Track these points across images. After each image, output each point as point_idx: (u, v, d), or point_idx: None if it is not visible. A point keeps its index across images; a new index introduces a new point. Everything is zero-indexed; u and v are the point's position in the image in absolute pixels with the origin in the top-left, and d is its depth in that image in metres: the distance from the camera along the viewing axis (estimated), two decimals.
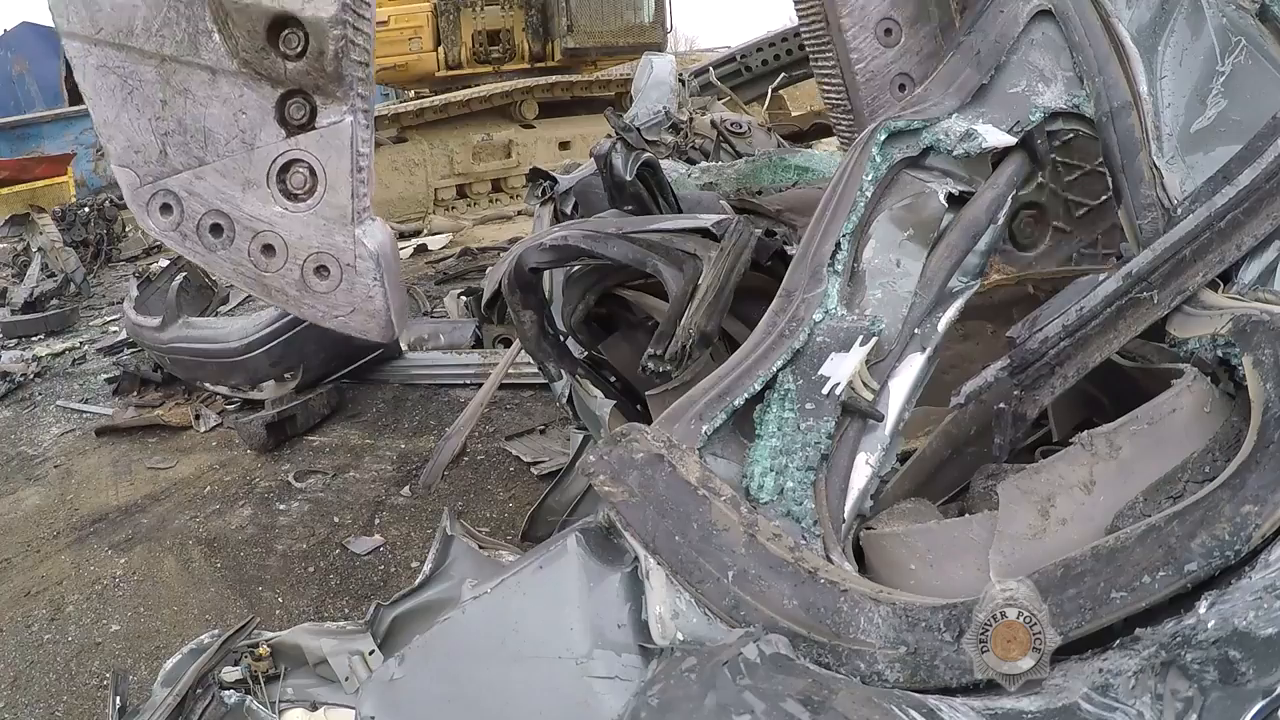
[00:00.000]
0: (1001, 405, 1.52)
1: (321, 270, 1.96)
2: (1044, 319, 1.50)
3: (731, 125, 5.92)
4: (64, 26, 1.95)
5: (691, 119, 5.81)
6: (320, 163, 1.90)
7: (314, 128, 1.89)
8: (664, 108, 5.68)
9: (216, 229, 1.99)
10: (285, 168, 1.92)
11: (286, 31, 1.81)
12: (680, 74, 6.13)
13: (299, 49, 1.82)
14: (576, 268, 2.58)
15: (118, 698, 2.03)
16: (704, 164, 5.01)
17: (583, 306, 2.48)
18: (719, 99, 6.52)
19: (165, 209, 2.00)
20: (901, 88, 2.47)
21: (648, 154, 3.11)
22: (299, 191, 1.93)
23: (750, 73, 6.51)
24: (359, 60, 1.89)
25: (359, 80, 1.91)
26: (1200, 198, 1.44)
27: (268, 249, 1.97)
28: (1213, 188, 1.43)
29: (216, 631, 2.12)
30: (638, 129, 3.53)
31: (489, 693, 1.40)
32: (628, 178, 2.89)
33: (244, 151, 1.92)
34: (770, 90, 6.77)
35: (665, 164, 4.94)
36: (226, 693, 1.90)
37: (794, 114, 7.48)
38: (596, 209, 3.38)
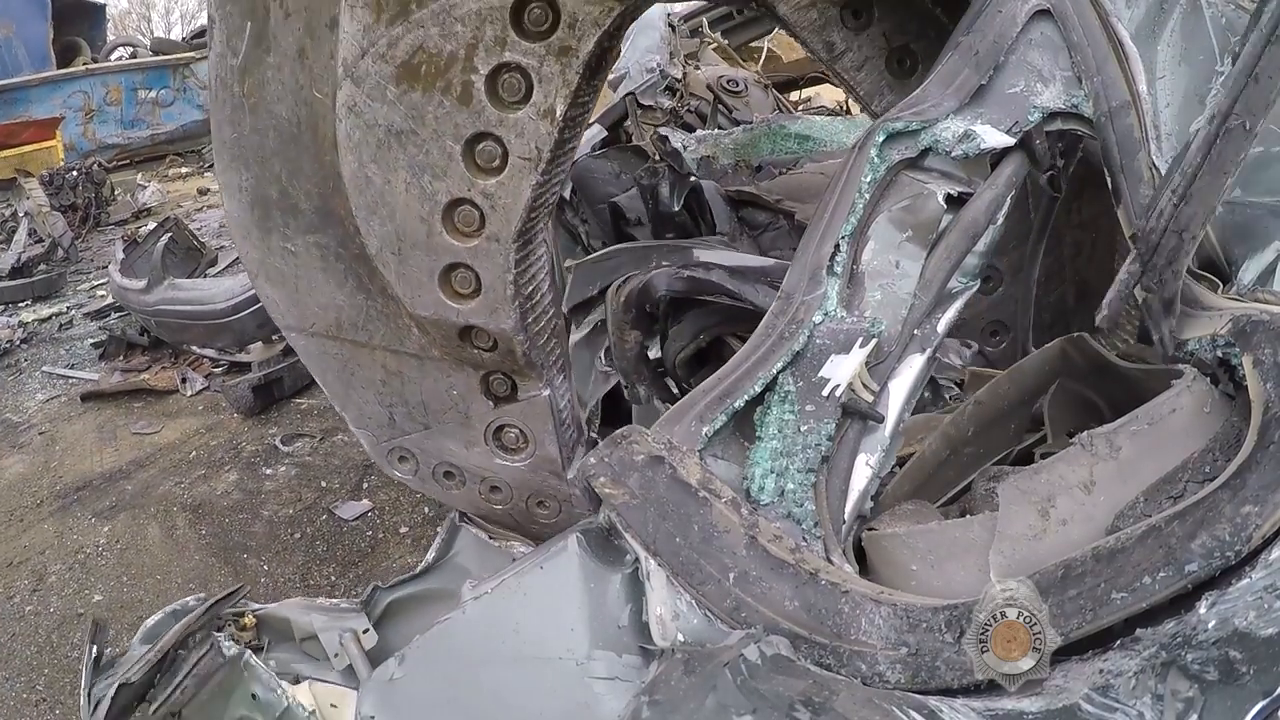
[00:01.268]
0: (1147, 295, 1.50)
1: (542, 504, 2.19)
2: (1153, 201, 1.49)
3: (728, 84, 5.80)
4: (280, 321, 2.14)
5: (686, 75, 5.69)
6: (528, 427, 2.09)
7: (517, 400, 2.06)
8: (658, 65, 5.56)
9: (449, 475, 2.23)
10: (499, 430, 2.11)
11: (475, 331, 1.95)
12: (670, 18, 5.96)
13: (490, 345, 1.97)
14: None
15: (94, 647, 1.98)
16: (700, 132, 4.93)
17: (693, 345, 2.46)
18: (707, 44, 6.37)
19: (402, 460, 2.24)
20: (994, 333, 2.51)
21: (694, 179, 3.10)
22: (514, 447, 2.13)
23: (742, 15, 6.37)
24: (548, 348, 2.04)
25: (552, 359, 2.07)
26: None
27: (494, 489, 2.20)
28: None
29: (201, 595, 2.10)
30: (678, 152, 3.50)
31: (489, 693, 1.40)
32: (675, 208, 2.88)
33: (460, 419, 2.12)
34: (767, 45, 6.62)
35: (663, 133, 4.87)
36: (227, 644, 1.85)
37: (786, 60, 7.34)
38: (596, 193, 3.37)
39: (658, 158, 3.46)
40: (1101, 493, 1.22)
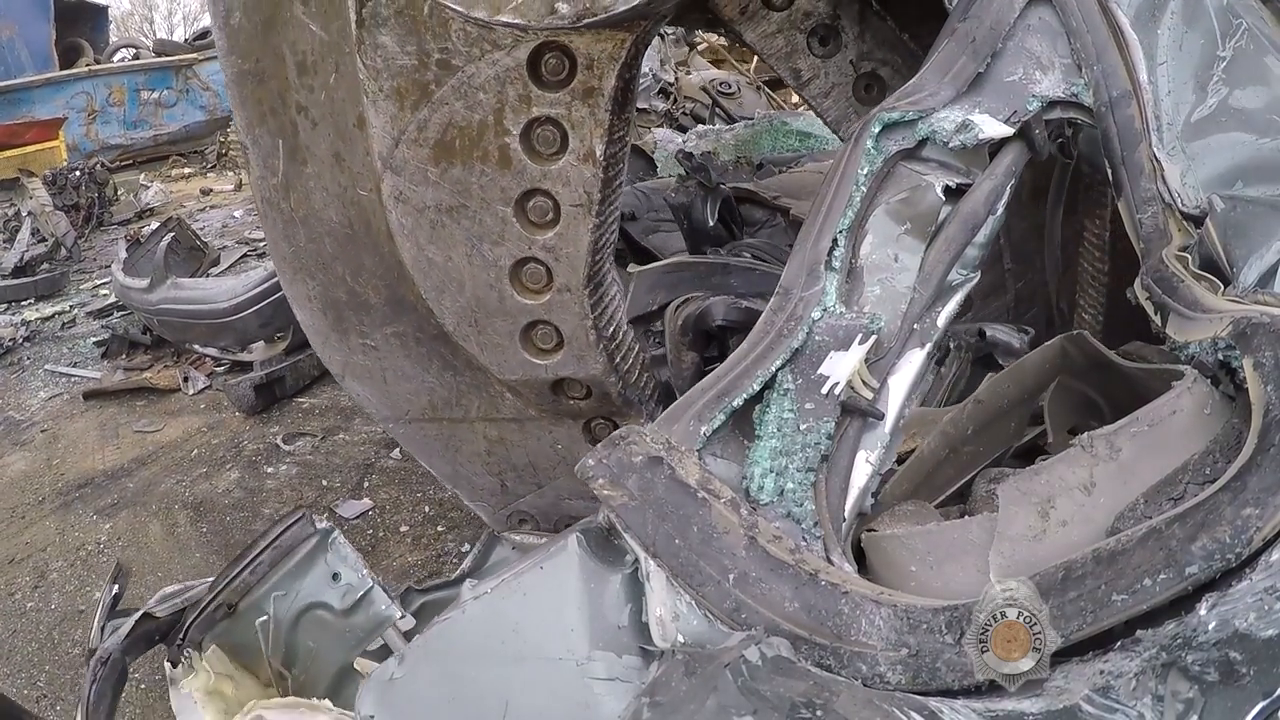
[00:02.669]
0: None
1: None
2: None
3: (720, 86, 5.86)
4: (375, 415, 2.16)
5: (678, 80, 5.72)
6: None
7: None
8: (650, 70, 5.57)
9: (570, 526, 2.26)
10: None
11: (567, 383, 1.94)
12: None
13: (584, 393, 1.97)
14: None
15: (115, 586, 1.93)
16: (701, 128, 4.95)
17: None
18: (695, 49, 6.37)
19: (522, 522, 2.27)
20: None
21: (725, 190, 3.12)
22: None
23: None
24: (641, 383, 2.04)
25: (648, 393, 2.08)
26: None
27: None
28: None
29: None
30: (705, 166, 3.54)
31: (489, 693, 1.40)
32: (710, 223, 2.89)
33: (570, 471, 2.16)
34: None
35: (660, 133, 4.88)
36: (320, 519, 1.78)
37: None
38: None
39: (684, 174, 3.48)
40: (1102, 494, 1.22)
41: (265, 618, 1.72)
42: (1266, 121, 1.64)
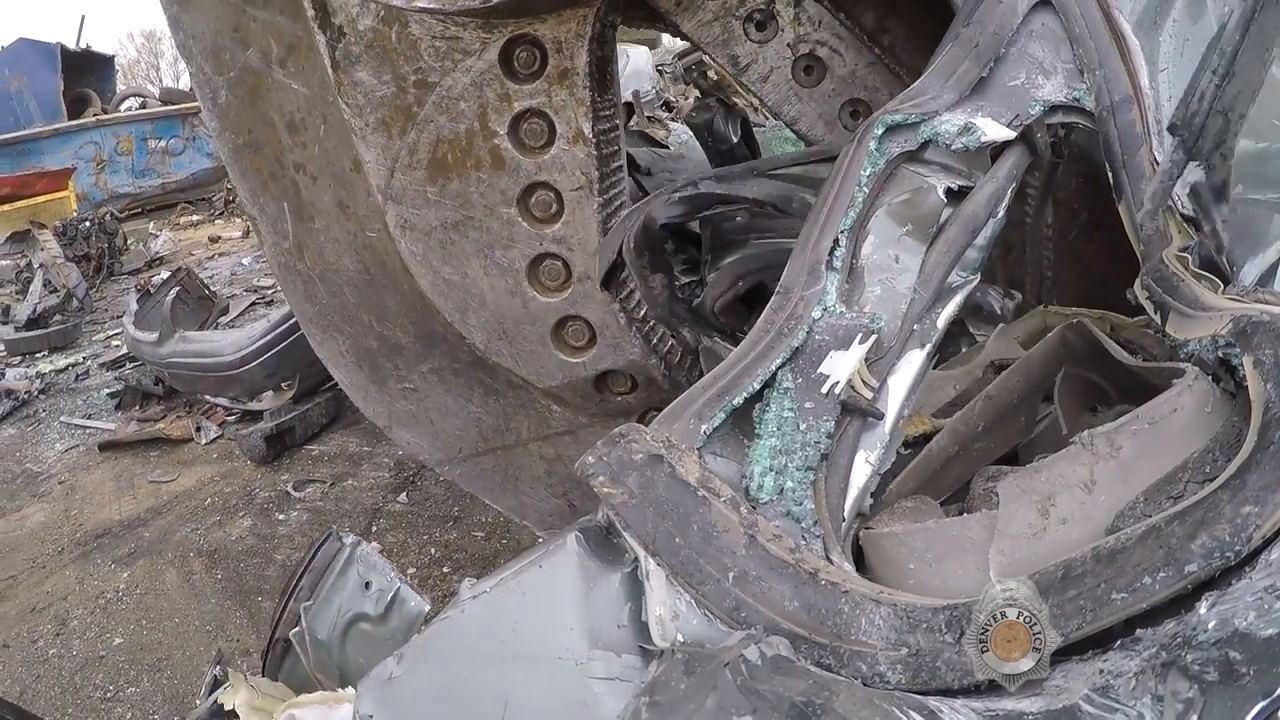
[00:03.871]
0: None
1: None
2: (1191, 85, 1.43)
3: None
4: (428, 460, 2.16)
5: (678, 100, 5.79)
6: None
7: None
8: (654, 88, 5.63)
9: None
10: None
11: (610, 377, 1.95)
12: (660, 66, 6.23)
13: (629, 386, 1.96)
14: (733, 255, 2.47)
15: (216, 668, 1.95)
16: None
17: (732, 293, 2.42)
18: (691, 86, 6.50)
19: None
20: None
21: (742, 110, 3.11)
22: None
23: None
24: (686, 364, 2.03)
25: (695, 375, 2.00)
26: None
27: None
28: None
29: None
30: (718, 83, 3.53)
31: (488, 693, 1.39)
32: (734, 139, 2.86)
33: None
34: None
35: (676, 127, 4.91)
36: (346, 535, 1.80)
37: None
38: None
39: (699, 94, 3.48)
40: (1102, 492, 1.22)
41: (298, 629, 1.73)
42: (1267, 126, 1.64)
